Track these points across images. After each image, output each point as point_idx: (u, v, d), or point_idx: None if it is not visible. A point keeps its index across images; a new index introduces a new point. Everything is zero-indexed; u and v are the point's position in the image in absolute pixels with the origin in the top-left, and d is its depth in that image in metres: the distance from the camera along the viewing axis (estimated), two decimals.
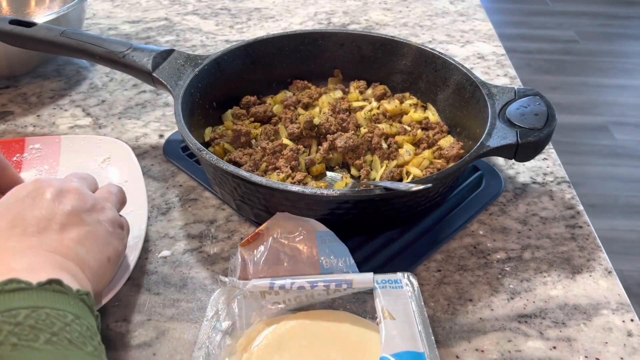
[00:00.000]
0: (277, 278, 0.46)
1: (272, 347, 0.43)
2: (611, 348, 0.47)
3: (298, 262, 0.48)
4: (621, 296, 0.52)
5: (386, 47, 0.71)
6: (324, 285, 0.45)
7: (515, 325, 0.49)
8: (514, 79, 0.86)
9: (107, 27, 1.02)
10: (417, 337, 0.42)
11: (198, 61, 0.65)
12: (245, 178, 0.49)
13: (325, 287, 0.45)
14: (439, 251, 0.56)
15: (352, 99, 0.69)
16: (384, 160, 0.62)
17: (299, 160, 0.61)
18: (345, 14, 1.07)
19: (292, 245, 0.49)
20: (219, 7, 1.10)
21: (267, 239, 0.49)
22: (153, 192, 0.64)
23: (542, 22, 3.03)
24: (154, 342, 0.47)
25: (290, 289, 0.45)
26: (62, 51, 0.68)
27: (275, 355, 0.42)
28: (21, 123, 0.75)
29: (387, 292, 0.45)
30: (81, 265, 0.41)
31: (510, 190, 0.64)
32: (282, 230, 0.49)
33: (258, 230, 0.50)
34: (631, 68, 2.64)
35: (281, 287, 0.45)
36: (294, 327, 0.45)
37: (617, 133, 2.19)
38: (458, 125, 0.65)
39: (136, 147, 0.71)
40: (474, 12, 1.08)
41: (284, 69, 0.73)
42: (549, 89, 2.44)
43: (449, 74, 0.66)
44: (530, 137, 0.53)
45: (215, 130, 0.65)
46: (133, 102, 0.80)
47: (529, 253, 0.56)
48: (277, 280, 0.46)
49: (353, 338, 0.44)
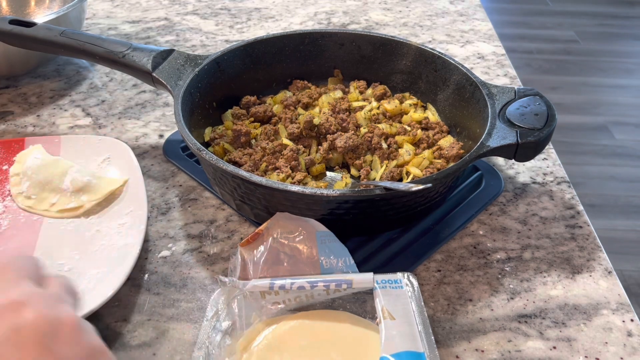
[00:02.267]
0: (277, 278, 0.46)
1: (272, 347, 0.43)
2: (611, 348, 0.47)
3: (298, 262, 0.48)
4: (621, 296, 0.52)
5: (386, 47, 0.71)
6: (324, 285, 0.45)
7: (515, 325, 0.49)
8: (513, 79, 0.86)
9: (107, 27, 1.02)
10: (417, 337, 0.42)
11: (198, 61, 0.65)
12: (245, 178, 0.49)
13: (325, 287, 0.45)
14: (439, 251, 0.56)
15: (352, 99, 0.69)
16: (384, 160, 0.62)
17: (298, 160, 0.61)
18: (345, 14, 1.07)
19: (292, 245, 0.49)
20: (219, 7, 1.10)
21: (267, 239, 0.49)
22: (153, 192, 0.64)
23: (542, 22, 3.03)
24: (154, 342, 0.47)
25: (290, 289, 0.45)
26: (62, 51, 0.68)
27: (275, 356, 0.42)
28: (21, 123, 0.75)
29: (387, 292, 0.45)
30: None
31: (510, 190, 0.64)
32: (282, 230, 0.50)
33: (258, 230, 0.50)
34: (631, 68, 2.64)
35: (281, 287, 0.45)
36: (294, 327, 0.45)
37: (617, 133, 2.19)
38: (458, 125, 0.65)
39: (136, 147, 0.71)
40: (473, 12, 1.08)
41: (283, 69, 0.73)
42: (548, 89, 2.45)
43: (448, 74, 0.66)
44: (530, 137, 0.53)
45: (215, 130, 0.65)
46: (133, 102, 0.80)
47: (529, 253, 0.56)
48: (277, 280, 0.46)
49: (353, 338, 0.44)
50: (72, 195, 0.59)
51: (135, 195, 0.59)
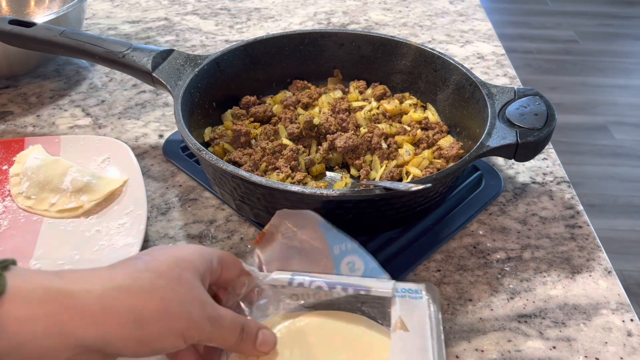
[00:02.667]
0: (297, 273, 0.46)
1: (284, 342, 0.43)
2: (611, 348, 0.47)
3: (310, 254, 0.48)
4: (621, 296, 0.52)
5: (386, 47, 0.71)
6: (342, 289, 0.45)
7: (515, 325, 0.49)
8: (513, 78, 0.86)
9: (106, 27, 1.02)
10: (429, 351, 0.41)
11: (198, 61, 0.65)
12: (245, 178, 0.49)
13: (343, 290, 0.45)
14: (439, 251, 0.56)
15: (352, 99, 0.69)
16: (384, 160, 0.62)
17: (298, 160, 0.61)
18: (345, 14, 1.07)
19: (300, 238, 0.48)
20: (219, 7, 1.10)
21: (276, 237, 0.49)
22: (153, 192, 0.64)
23: (541, 22, 3.03)
24: None
25: (310, 287, 0.45)
26: (62, 51, 0.68)
27: (285, 350, 0.43)
28: (21, 123, 0.75)
29: (406, 301, 0.44)
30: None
31: (509, 190, 0.64)
32: (287, 226, 0.49)
33: (264, 230, 0.49)
34: (631, 68, 2.64)
35: (300, 284, 0.45)
36: (308, 325, 0.44)
37: (616, 133, 2.19)
38: (458, 125, 0.65)
39: (136, 147, 0.71)
40: (473, 12, 1.08)
41: (283, 69, 0.73)
42: (548, 89, 2.44)
43: (448, 74, 0.66)
44: (529, 137, 0.53)
45: (215, 130, 0.65)
46: (133, 102, 0.80)
47: (529, 253, 0.56)
48: (297, 276, 0.46)
49: (364, 342, 0.44)
50: (72, 195, 0.59)
51: (135, 195, 0.59)
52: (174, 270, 0.38)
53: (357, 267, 0.47)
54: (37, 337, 0.33)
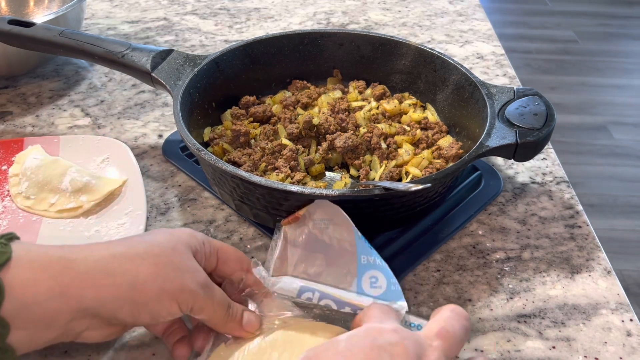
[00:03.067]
0: (308, 284, 0.46)
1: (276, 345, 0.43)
2: (610, 348, 0.47)
3: (337, 254, 0.47)
4: (620, 296, 0.52)
5: (385, 47, 0.71)
6: (351, 310, 0.44)
7: (515, 325, 0.49)
8: (513, 78, 0.86)
9: (106, 27, 1.01)
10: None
11: (197, 61, 0.65)
12: (245, 178, 0.49)
13: (352, 311, 0.44)
14: (438, 251, 0.56)
15: (351, 99, 0.69)
16: (383, 160, 0.62)
17: (298, 160, 0.61)
18: (345, 14, 1.07)
19: (332, 234, 0.48)
20: (218, 7, 1.10)
21: (307, 222, 0.48)
22: (152, 192, 0.64)
23: (541, 22, 3.04)
24: (153, 343, 0.47)
25: (318, 303, 0.44)
26: (61, 51, 0.68)
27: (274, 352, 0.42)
28: (20, 123, 0.75)
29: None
30: None
31: (509, 190, 0.64)
32: (323, 216, 0.48)
33: (297, 213, 0.48)
34: (630, 68, 2.64)
35: (308, 299, 0.45)
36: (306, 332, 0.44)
37: (616, 133, 2.20)
38: (457, 125, 0.65)
39: (135, 147, 0.71)
40: (473, 12, 1.08)
41: (283, 69, 0.73)
42: (548, 89, 2.45)
43: (448, 73, 0.66)
44: (529, 137, 0.53)
45: (214, 130, 0.65)
46: (132, 102, 0.80)
47: (528, 253, 0.56)
48: (306, 289, 0.45)
49: None
50: (71, 195, 0.59)
51: (135, 195, 0.59)
52: (169, 242, 0.41)
53: (379, 285, 0.46)
54: (40, 299, 0.36)
